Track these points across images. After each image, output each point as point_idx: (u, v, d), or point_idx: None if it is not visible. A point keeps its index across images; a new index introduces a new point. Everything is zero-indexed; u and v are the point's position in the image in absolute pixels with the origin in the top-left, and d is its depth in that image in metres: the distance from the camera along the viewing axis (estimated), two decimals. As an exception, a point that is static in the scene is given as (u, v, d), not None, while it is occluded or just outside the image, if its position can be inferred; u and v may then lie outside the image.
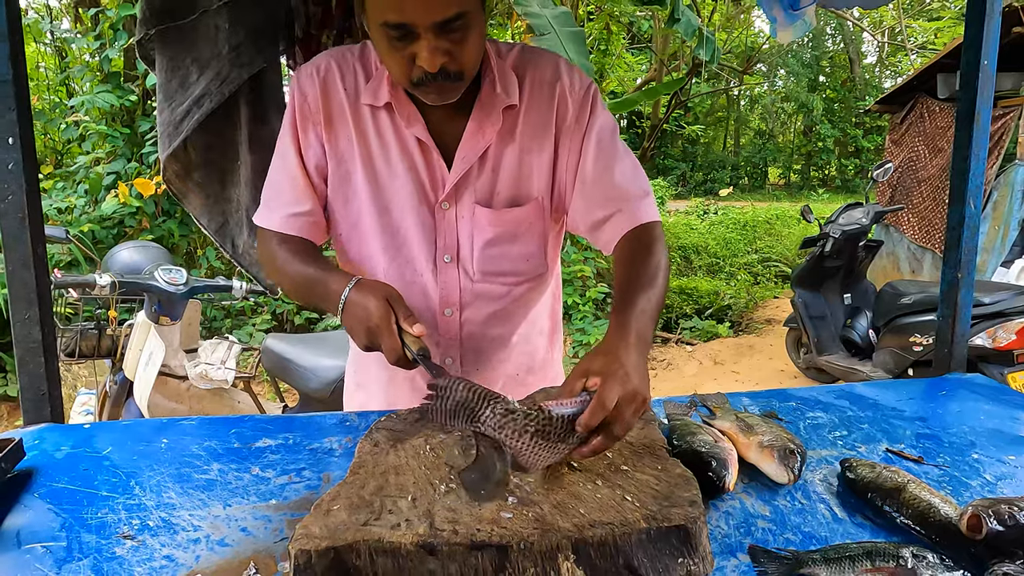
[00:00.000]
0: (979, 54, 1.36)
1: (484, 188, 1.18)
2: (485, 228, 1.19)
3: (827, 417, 1.25)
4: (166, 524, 0.87)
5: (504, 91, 1.14)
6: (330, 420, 1.19)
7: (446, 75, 1.00)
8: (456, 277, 1.21)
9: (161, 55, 1.61)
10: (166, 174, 1.67)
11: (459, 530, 0.76)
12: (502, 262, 1.22)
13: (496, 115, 1.15)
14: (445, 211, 1.18)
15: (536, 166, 1.19)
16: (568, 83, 1.18)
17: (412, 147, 1.15)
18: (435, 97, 1.05)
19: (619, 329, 0.95)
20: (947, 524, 0.86)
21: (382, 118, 1.15)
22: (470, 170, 1.16)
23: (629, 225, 1.16)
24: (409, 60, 1.00)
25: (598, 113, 1.20)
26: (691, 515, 0.79)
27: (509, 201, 1.19)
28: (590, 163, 1.18)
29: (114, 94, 4.72)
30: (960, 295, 1.42)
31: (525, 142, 1.18)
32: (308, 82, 1.16)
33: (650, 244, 1.12)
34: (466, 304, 1.23)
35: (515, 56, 1.19)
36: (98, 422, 1.21)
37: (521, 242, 1.22)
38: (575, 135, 1.18)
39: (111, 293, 2.36)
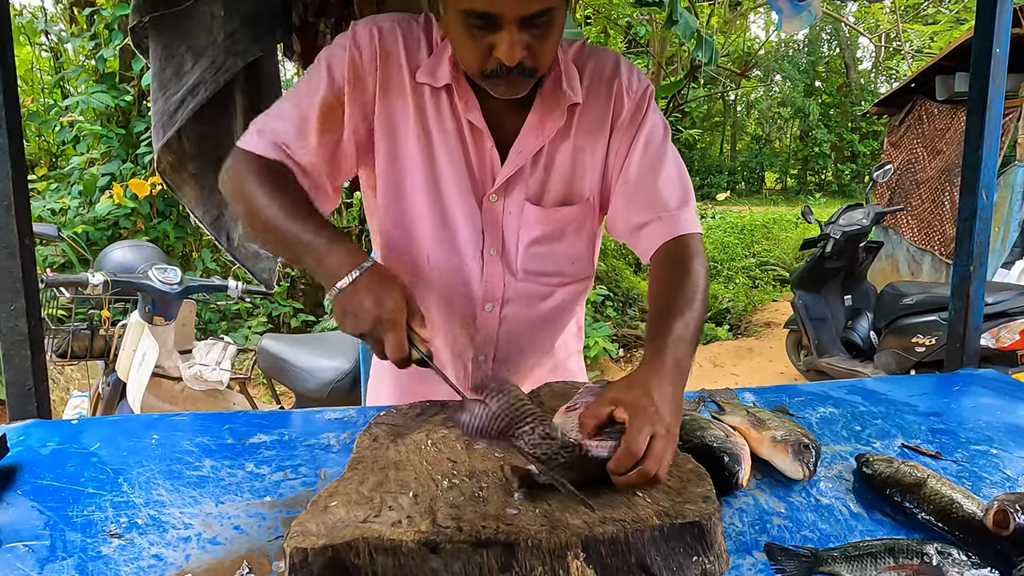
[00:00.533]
0: (991, 42, 1.33)
1: (536, 185, 1.13)
2: (533, 226, 1.15)
3: (839, 412, 1.21)
4: (155, 522, 0.83)
5: (570, 88, 1.09)
6: (327, 416, 1.15)
7: (521, 70, 0.96)
8: (500, 272, 1.17)
9: (155, 43, 1.58)
10: (160, 165, 1.63)
11: (463, 527, 0.73)
12: (547, 262, 1.18)
13: (559, 112, 1.10)
14: (493, 204, 1.13)
15: (590, 165, 1.16)
16: (626, 82, 1.15)
17: (467, 133, 1.10)
18: (504, 91, 1.00)
19: (655, 358, 0.89)
20: (971, 520, 0.83)
21: (440, 98, 1.09)
22: (523, 166, 1.12)
23: (668, 235, 1.11)
24: (486, 50, 0.95)
25: (651, 114, 1.16)
26: (705, 511, 0.76)
27: (560, 200, 1.16)
28: (635, 164, 1.14)
29: (109, 94, 4.68)
30: (972, 288, 1.39)
31: (580, 140, 1.14)
32: (366, 38, 1.06)
33: (688, 260, 1.06)
34: (508, 300, 1.19)
35: (575, 51, 1.15)
36: (87, 418, 1.17)
37: (568, 242, 1.19)
38: (627, 135, 1.15)
39: (104, 292, 2.31)
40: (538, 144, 1.11)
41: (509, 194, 1.13)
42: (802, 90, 18.77)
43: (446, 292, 1.17)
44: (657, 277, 1.08)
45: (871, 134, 18.11)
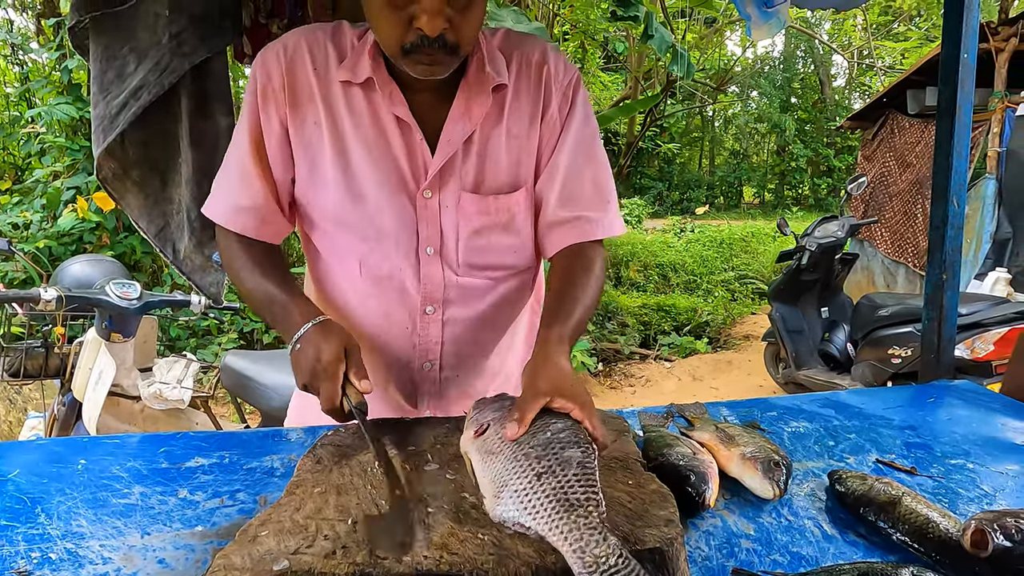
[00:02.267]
0: (958, 48, 1.31)
1: (471, 174, 1.09)
2: (472, 216, 1.10)
3: (812, 427, 1.17)
4: (71, 556, 0.75)
5: (494, 70, 1.07)
6: (273, 437, 1.08)
7: (443, 44, 0.93)
8: (440, 271, 1.12)
9: (95, 44, 1.50)
10: (102, 172, 1.55)
11: (403, 557, 0.67)
12: (489, 254, 1.13)
13: (485, 95, 1.07)
14: (427, 199, 1.08)
15: (524, 152, 1.12)
16: (554, 70, 1.12)
17: (391, 129, 1.05)
18: (424, 68, 0.96)
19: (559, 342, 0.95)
20: (947, 540, 0.78)
21: (357, 97, 1.05)
22: (455, 155, 1.07)
23: (581, 237, 1.12)
24: (406, 22, 0.92)
25: (579, 107, 1.14)
26: (667, 536, 0.71)
27: (498, 188, 1.11)
28: (564, 160, 1.12)
29: (74, 106, 4.57)
30: (946, 297, 1.36)
31: (512, 126, 1.10)
32: (273, 62, 1.06)
33: (591, 261, 1.11)
34: (449, 301, 1.14)
35: (501, 37, 1.13)
36: (6, 442, 1.09)
37: (509, 232, 1.14)
38: (555, 126, 1.12)
39: (58, 308, 2.22)
40: (467, 131, 1.07)
41: (444, 187, 1.08)
42: (778, 106, 19.05)
43: (383, 301, 1.13)
44: (563, 268, 1.11)
45: (846, 149, 18.41)
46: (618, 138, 15.66)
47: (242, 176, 1.09)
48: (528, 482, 0.71)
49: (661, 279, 8.72)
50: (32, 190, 4.81)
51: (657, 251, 9.42)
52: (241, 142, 1.09)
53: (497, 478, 0.73)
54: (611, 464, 0.88)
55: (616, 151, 15.32)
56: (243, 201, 1.09)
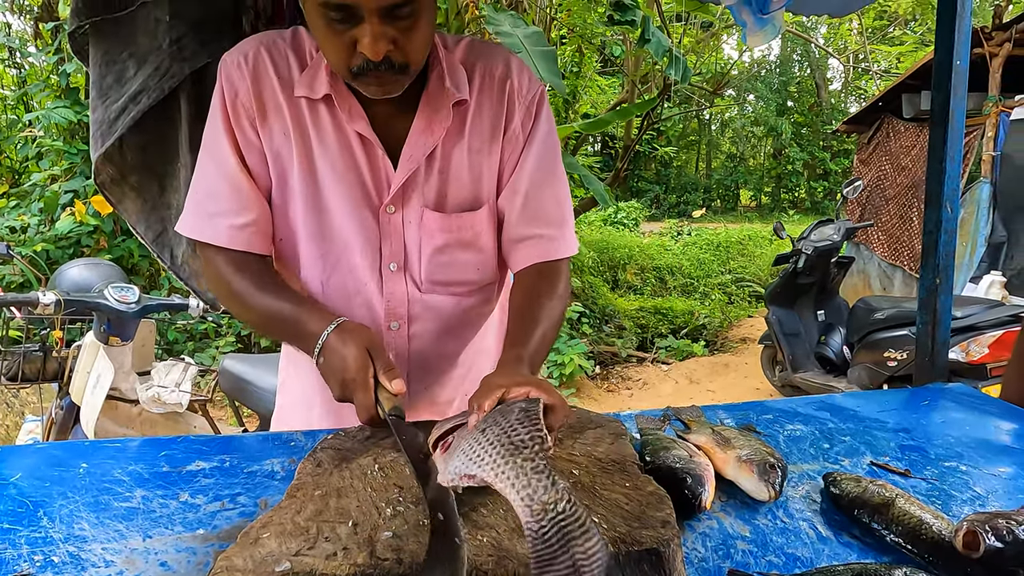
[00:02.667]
0: (951, 55, 1.33)
1: (433, 191, 1.09)
2: (435, 234, 1.10)
3: (807, 429, 1.18)
4: (73, 559, 0.76)
5: (454, 85, 1.05)
6: (273, 440, 1.09)
7: (390, 65, 0.92)
8: (403, 287, 1.11)
9: (95, 49, 1.51)
10: (99, 177, 1.56)
11: (403, 559, 0.68)
12: (451, 271, 1.13)
13: (445, 111, 1.06)
14: (390, 215, 1.08)
15: (486, 167, 1.11)
16: (518, 84, 1.11)
17: (354, 144, 1.05)
18: (376, 90, 0.96)
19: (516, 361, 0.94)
20: (940, 541, 0.79)
21: (320, 111, 1.04)
22: (417, 171, 1.07)
23: (544, 256, 1.12)
24: (349, 46, 0.90)
25: (542, 123, 1.13)
26: (664, 537, 0.72)
27: (460, 205, 1.11)
28: (526, 176, 1.12)
29: (72, 110, 4.57)
30: (939, 301, 1.38)
31: (474, 142, 1.09)
32: (237, 73, 1.04)
33: (556, 281, 1.10)
34: (414, 317, 1.13)
35: (464, 49, 1.11)
36: (6, 446, 1.09)
37: (472, 249, 1.14)
38: (518, 142, 1.12)
39: (56, 312, 2.22)
40: (429, 146, 1.06)
41: (407, 203, 1.08)
42: (775, 109, 19.14)
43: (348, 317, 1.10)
44: (525, 287, 1.10)
45: (842, 152, 18.50)
46: (615, 141, 15.70)
47: (236, 190, 1.05)
48: (473, 438, 0.72)
49: (658, 282, 8.74)
50: (29, 194, 4.81)
51: (654, 254, 9.45)
52: (222, 155, 1.05)
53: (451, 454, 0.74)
54: (607, 466, 0.89)
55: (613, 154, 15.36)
56: (240, 220, 1.06)
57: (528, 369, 0.94)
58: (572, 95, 8.19)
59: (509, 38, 4.42)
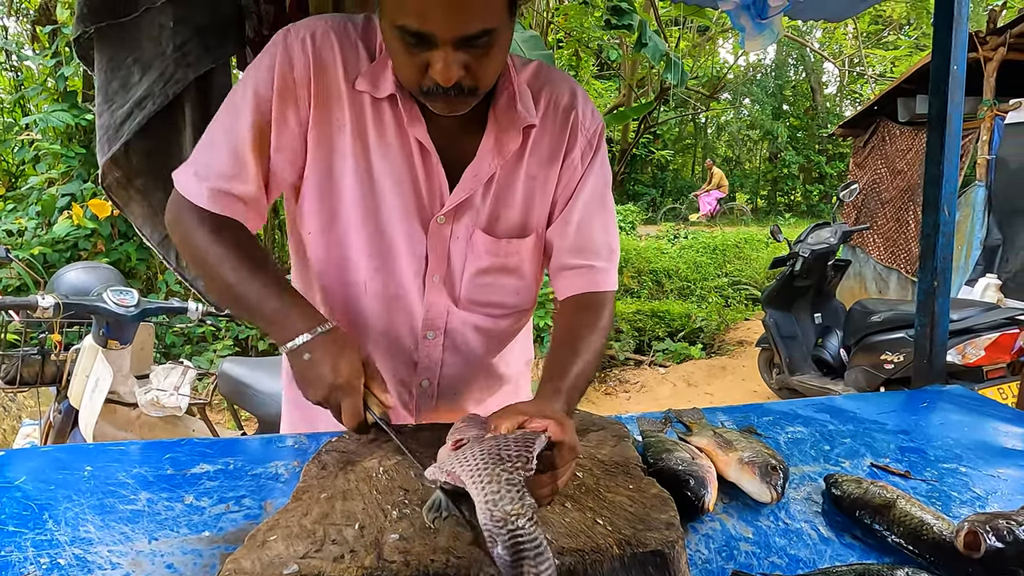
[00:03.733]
0: (948, 60, 1.34)
1: (486, 212, 1.08)
2: (481, 255, 1.09)
3: (807, 431, 1.19)
4: (80, 562, 0.76)
5: (525, 108, 1.04)
6: (277, 443, 1.09)
7: (460, 90, 0.90)
8: (444, 300, 1.11)
9: (100, 54, 1.51)
10: (106, 181, 1.56)
11: (410, 560, 0.68)
12: (491, 292, 1.14)
13: (515, 133, 1.04)
14: (440, 225, 1.06)
15: (539, 195, 1.11)
16: (582, 116, 1.11)
17: (413, 149, 1.03)
18: (443, 107, 0.94)
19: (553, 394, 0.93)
20: (941, 542, 0.80)
21: (384, 110, 1.01)
22: (475, 191, 1.06)
23: (589, 287, 1.12)
24: (422, 68, 0.89)
25: (600, 156, 1.14)
26: (668, 539, 0.72)
27: (510, 231, 1.10)
28: (580, 207, 1.12)
29: (69, 113, 4.56)
30: (937, 304, 1.39)
31: (532, 167, 1.09)
32: (298, 49, 0.98)
33: (601, 312, 1.09)
34: (450, 331, 1.13)
35: (531, 72, 1.09)
36: (11, 449, 1.09)
37: (515, 275, 1.14)
38: (575, 173, 1.12)
39: (55, 315, 2.22)
40: (494, 167, 1.05)
41: (458, 219, 1.07)
42: (770, 113, 19.20)
43: (386, 322, 1.11)
44: (569, 320, 1.09)
45: (838, 156, 18.56)
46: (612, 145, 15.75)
47: (235, 161, 0.99)
48: (471, 446, 0.75)
49: (655, 285, 8.75)
50: (26, 197, 4.80)
51: (651, 257, 9.46)
52: (239, 126, 0.98)
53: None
54: (611, 469, 0.89)
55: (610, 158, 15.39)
56: (233, 188, 0.99)
57: (564, 404, 0.92)
58: (569, 99, 8.19)
59: (507, 42, 4.43)
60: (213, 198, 0.99)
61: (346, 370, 0.89)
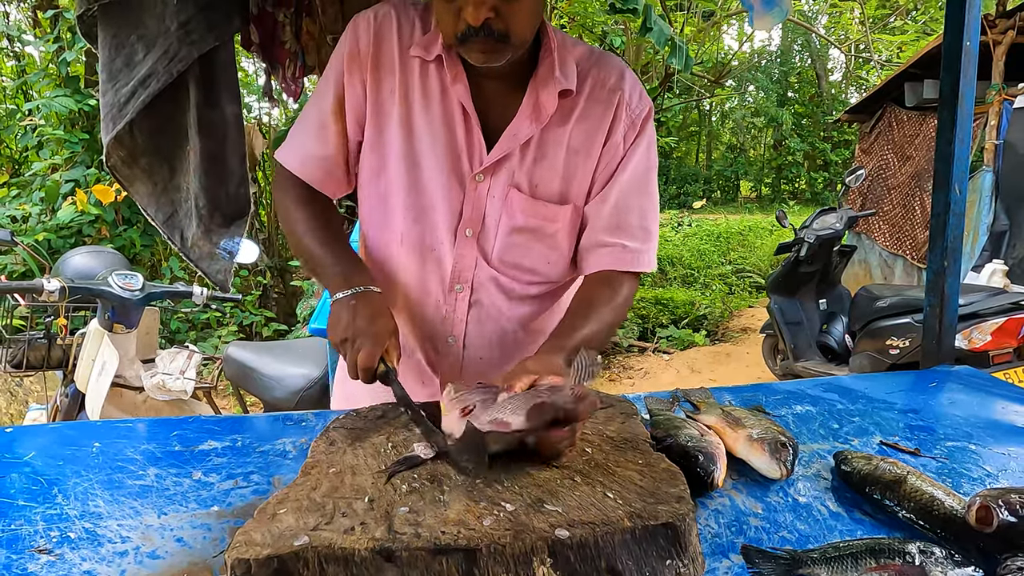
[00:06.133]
0: (961, 36, 1.32)
1: (524, 173, 1.12)
2: (516, 214, 1.13)
3: (816, 410, 1.18)
4: (90, 536, 0.76)
5: (563, 75, 1.09)
6: (284, 421, 1.09)
7: (490, 32, 0.96)
8: (473, 254, 1.15)
9: (104, 32, 1.50)
10: (111, 160, 1.56)
11: (421, 533, 0.68)
12: (524, 255, 1.16)
13: (552, 98, 1.09)
14: (478, 183, 1.12)
15: (581, 169, 1.14)
16: (628, 96, 1.15)
17: (455, 110, 1.10)
18: (478, 56, 1.00)
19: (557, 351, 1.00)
20: (953, 517, 0.80)
21: (431, 73, 1.10)
22: (513, 151, 1.11)
23: (617, 265, 1.14)
24: (456, 13, 0.97)
25: (646, 140, 1.17)
26: (679, 512, 0.72)
27: (547, 195, 1.14)
28: (619, 187, 1.14)
29: (72, 98, 4.55)
30: (947, 284, 1.37)
31: (575, 142, 1.13)
32: (364, 25, 1.12)
33: (617, 290, 1.13)
34: (478, 285, 1.17)
35: (582, 52, 1.15)
36: (20, 425, 1.10)
37: (548, 242, 1.17)
38: (618, 152, 1.15)
39: (61, 299, 2.22)
40: (533, 129, 1.10)
41: (495, 176, 1.12)
42: (775, 100, 19.06)
43: (418, 273, 1.17)
44: (586, 293, 1.14)
45: (843, 143, 18.44)
46: (615, 132, 15.63)
47: (320, 128, 1.14)
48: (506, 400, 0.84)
49: (659, 273, 8.74)
50: (30, 183, 4.80)
51: (655, 245, 9.43)
52: (324, 96, 1.14)
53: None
54: (620, 444, 0.89)
55: (613, 145, 15.27)
56: (316, 151, 1.15)
57: (566, 359, 0.96)
58: (573, 85, 8.14)
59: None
60: (303, 164, 1.16)
61: (382, 323, 1.00)
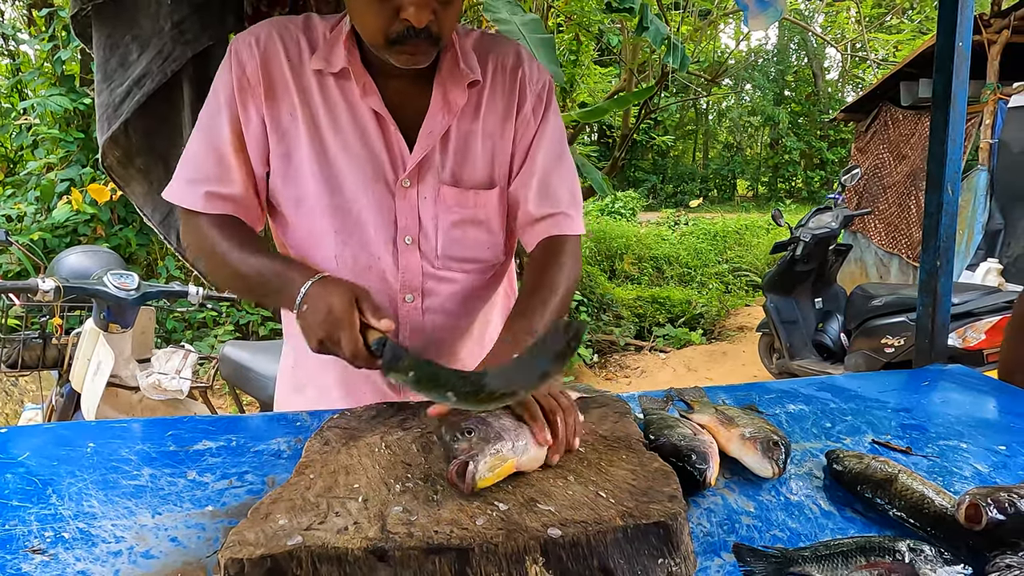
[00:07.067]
0: (953, 36, 1.33)
1: (448, 168, 1.12)
2: (452, 209, 1.13)
3: (809, 409, 1.19)
4: (84, 536, 0.76)
5: (468, 67, 1.10)
6: (279, 420, 1.09)
7: (428, 35, 0.96)
8: (417, 261, 1.14)
9: (98, 32, 1.50)
10: (106, 160, 1.56)
11: (414, 532, 0.68)
12: (465, 247, 1.16)
13: (461, 90, 1.10)
14: (406, 189, 1.10)
15: (499, 150, 1.16)
16: (528, 73, 1.17)
17: (367, 120, 1.08)
18: (408, 59, 0.99)
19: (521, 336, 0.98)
20: (942, 515, 0.80)
21: (331, 88, 1.07)
22: (433, 148, 1.10)
23: (554, 231, 1.16)
24: (392, 13, 0.94)
25: (552, 110, 1.19)
26: (671, 511, 0.72)
27: (475, 183, 1.14)
28: (539, 160, 1.16)
29: (67, 97, 4.53)
30: (940, 284, 1.38)
31: (488, 126, 1.14)
32: (247, 52, 1.06)
33: (560, 254, 1.14)
34: (428, 291, 1.16)
35: (475, 38, 1.16)
36: (14, 426, 1.10)
37: (484, 228, 1.17)
38: (529, 127, 1.17)
39: (56, 299, 2.21)
40: (446, 124, 1.09)
41: (423, 178, 1.11)
42: (772, 99, 19.09)
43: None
44: (534, 264, 1.14)
45: (839, 142, 18.48)
46: (612, 131, 15.67)
47: (220, 164, 1.07)
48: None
49: (655, 271, 8.75)
50: (25, 182, 4.78)
51: (651, 244, 9.45)
52: (216, 130, 1.06)
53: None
54: (613, 444, 0.90)
55: (610, 144, 15.33)
56: (222, 190, 1.07)
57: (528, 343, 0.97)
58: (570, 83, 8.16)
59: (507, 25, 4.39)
60: (208, 201, 1.07)
61: (338, 306, 0.90)
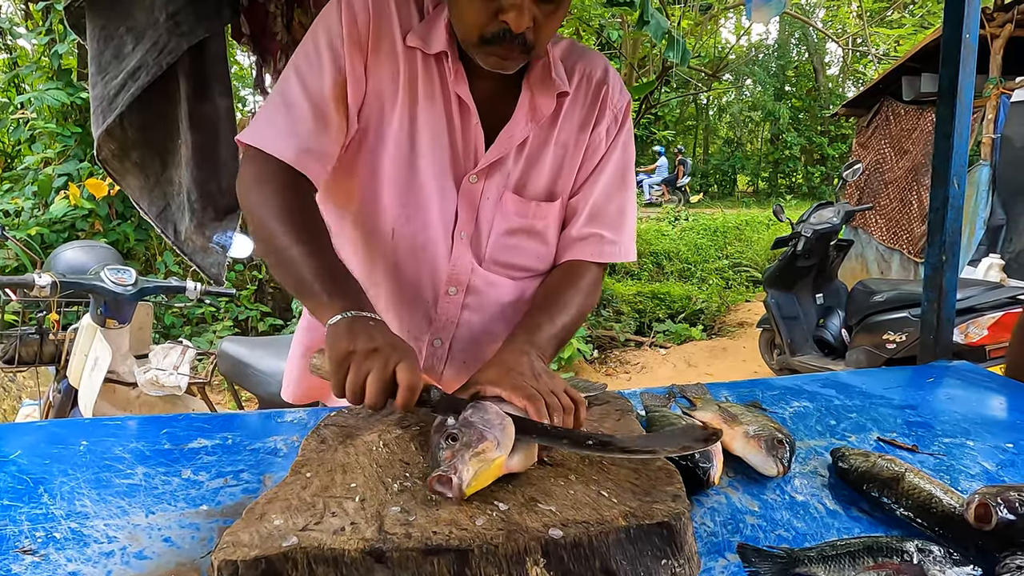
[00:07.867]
0: (960, 28, 1.30)
1: (517, 174, 1.11)
2: (510, 216, 1.12)
3: (813, 406, 1.17)
4: (76, 536, 0.75)
5: (559, 77, 1.08)
6: (276, 418, 1.08)
7: (523, 42, 0.94)
8: (468, 256, 1.13)
9: (92, 23, 1.48)
10: (102, 153, 1.54)
11: (412, 533, 0.66)
12: (516, 255, 1.15)
13: (549, 98, 1.08)
14: (472, 185, 1.09)
15: (567, 163, 1.14)
16: (611, 91, 1.15)
17: (454, 107, 1.06)
18: (497, 61, 0.97)
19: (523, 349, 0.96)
20: (951, 515, 0.79)
21: (431, 66, 1.04)
22: (509, 152, 1.08)
23: (594, 256, 1.15)
24: (492, 13, 0.92)
25: (625, 132, 1.17)
26: (675, 511, 0.71)
27: (538, 194, 1.13)
28: (601, 183, 1.15)
29: (64, 91, 4.51)
30: (945, 278, 1.36)
31: (563, 135, 1.12)
32: (360, 2, 1.01)
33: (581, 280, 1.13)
34: (473, 288, 1.15)
35: (564, 47, 1.14)
36: (6, 423, 1.08)
37: (539, 239, 1.16)
38: (600, 145, 1.15)
39: (52, 294, 2.20)
40: (528, 130, 1.08)
41: (490, 179, 1.09)
42: (772, 94, 19.05)
43: (410, 272, 1.13)
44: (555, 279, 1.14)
45: (839, 137, 18.45)
46: (612, 126, 15.60)
47: (318, 116, 1.00)
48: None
49: (655, 267, 8.73)
50: (23, 177, 4.76)
51: (651, 239, 9.43)
52: (317, 77, 1.00)
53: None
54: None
55: (610, 139, 15.25)
56: (312, 144, 1.00)
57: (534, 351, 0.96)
58: (570, 78, 8.11)
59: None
60: (298, 156, 0.99)
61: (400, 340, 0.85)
